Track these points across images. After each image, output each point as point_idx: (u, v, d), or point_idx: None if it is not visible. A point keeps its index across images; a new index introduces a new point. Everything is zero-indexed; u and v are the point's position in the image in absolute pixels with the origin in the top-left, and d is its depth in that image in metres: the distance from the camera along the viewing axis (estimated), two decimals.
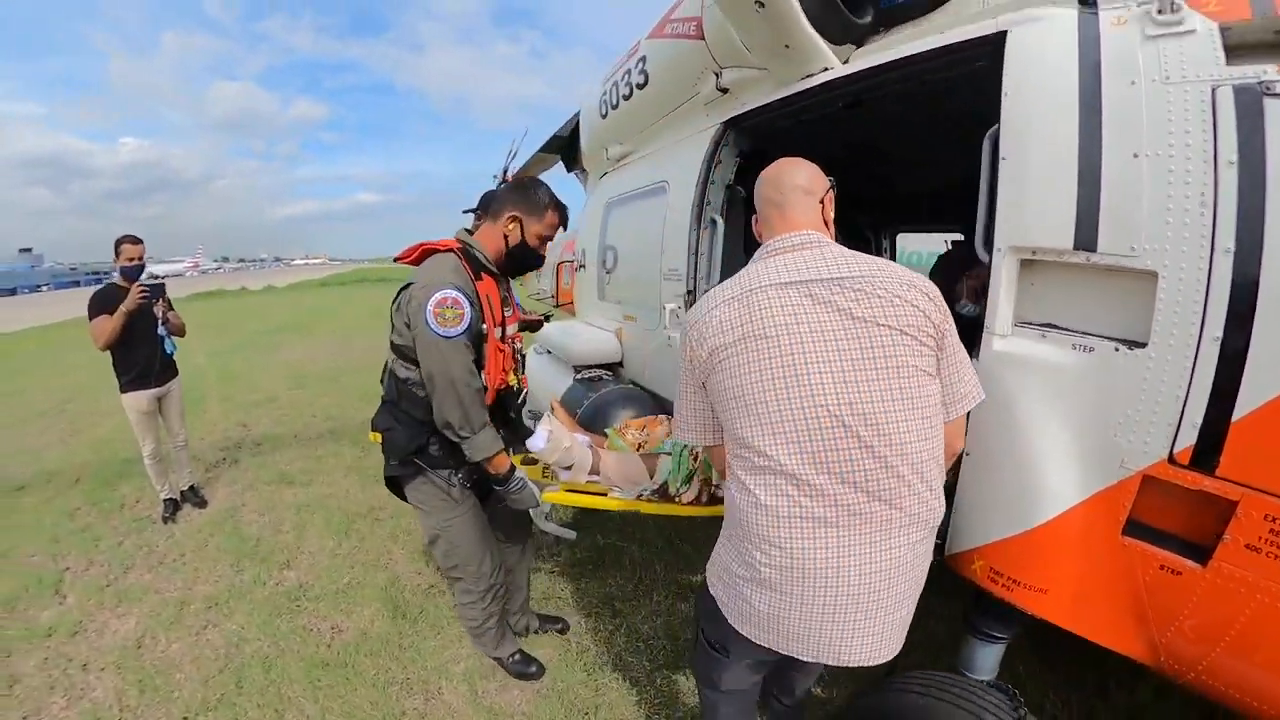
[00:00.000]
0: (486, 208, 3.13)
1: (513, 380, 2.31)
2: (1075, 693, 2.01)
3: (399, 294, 2.13)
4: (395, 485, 2.36)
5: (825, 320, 1.27)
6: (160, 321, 4.18)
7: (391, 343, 2.19)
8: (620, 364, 3.82)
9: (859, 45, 2.18)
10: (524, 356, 2.46)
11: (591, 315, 4.27)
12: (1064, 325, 1.48)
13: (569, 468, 2.48)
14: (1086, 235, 1.39)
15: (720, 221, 2.75)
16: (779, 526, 1.28)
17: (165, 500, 4.52)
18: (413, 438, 2.19)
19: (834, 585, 1.26)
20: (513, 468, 2.23)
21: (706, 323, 1.36)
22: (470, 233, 2.26)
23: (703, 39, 2.66)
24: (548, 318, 3.38)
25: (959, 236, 4.64)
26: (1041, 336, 1.51)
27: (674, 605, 3.05)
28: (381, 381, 2.33)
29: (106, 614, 3.38)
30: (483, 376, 2.15)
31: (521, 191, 2.21)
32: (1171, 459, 1.29)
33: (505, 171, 16.09)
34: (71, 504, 4.94)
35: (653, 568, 3.39)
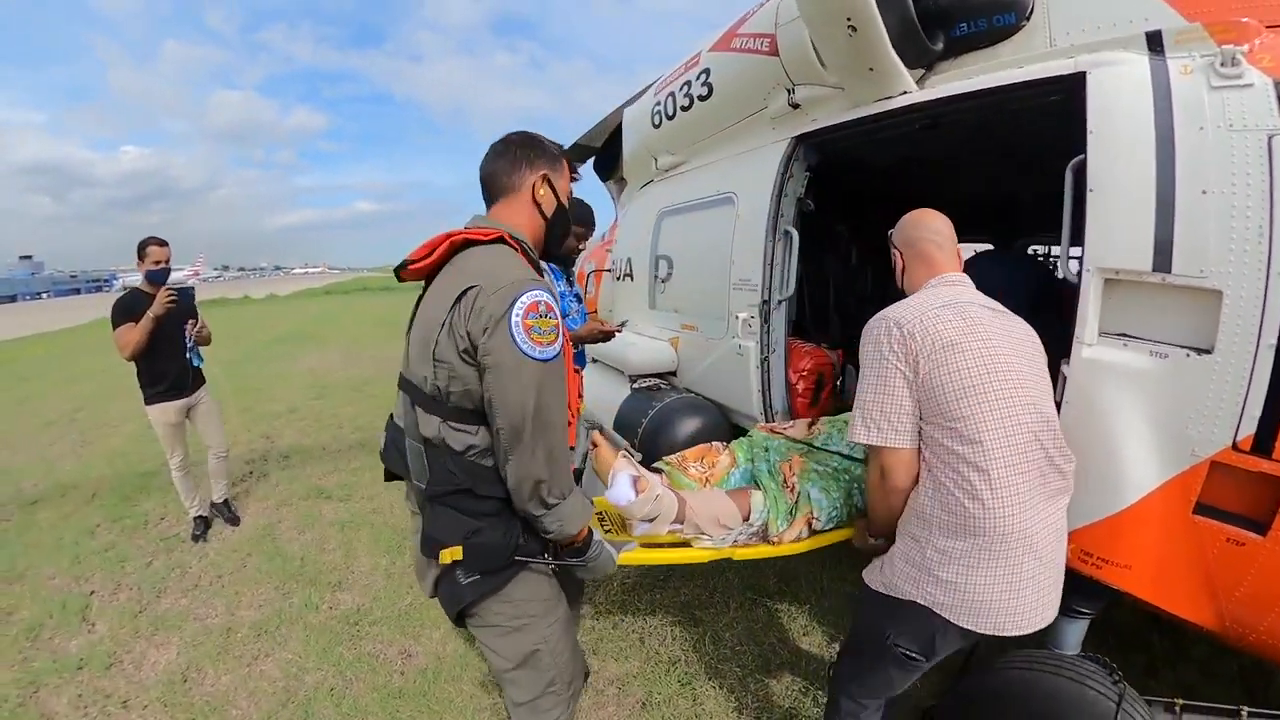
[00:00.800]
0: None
1: (582, 407, 1.93)
2: (1126, 674, 2.25)
3: (456, 303, 1.47)
4: (464, 616, 1.69)
5: (1005, 328, 1.68)
6: (189, 332, 4.14)
7: (423, 395, 1.56)
8: (674, 373, 4.00)
9: (929, 70, 2.43)
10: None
11: (641, 325, 4.44)
12: (1142, 335, 1.78)
13: (653, 519, 2.09)
14: (1163, 259, 1.68)
15: (794, 233, 2.98)
16: (1002, 504, 1.51)
17: (195, 518, 4.43)
18: (509, 530, 1.59)
19: (1042, 554, 1.57)
20: (591, 531, 1.73)
21: (931, 321, 1.61)
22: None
23: (776, 55, 2.88)
24: (622, 326, 3.47)
25: (988, 245, 5.00)
26: (1123, 345, 1.80)
27: (752, 611, 3.18)
28: (394, 462, 1.72)
29: (143, 643, 3.23)
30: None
31: (534, 147, 1.71)
32: (1235, 446, 1.58)
33: None
34: (91, 521, 4.80)
35: (724, 575, 3.49)
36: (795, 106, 2.93)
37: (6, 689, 2.92)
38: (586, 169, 7.32)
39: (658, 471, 2.53)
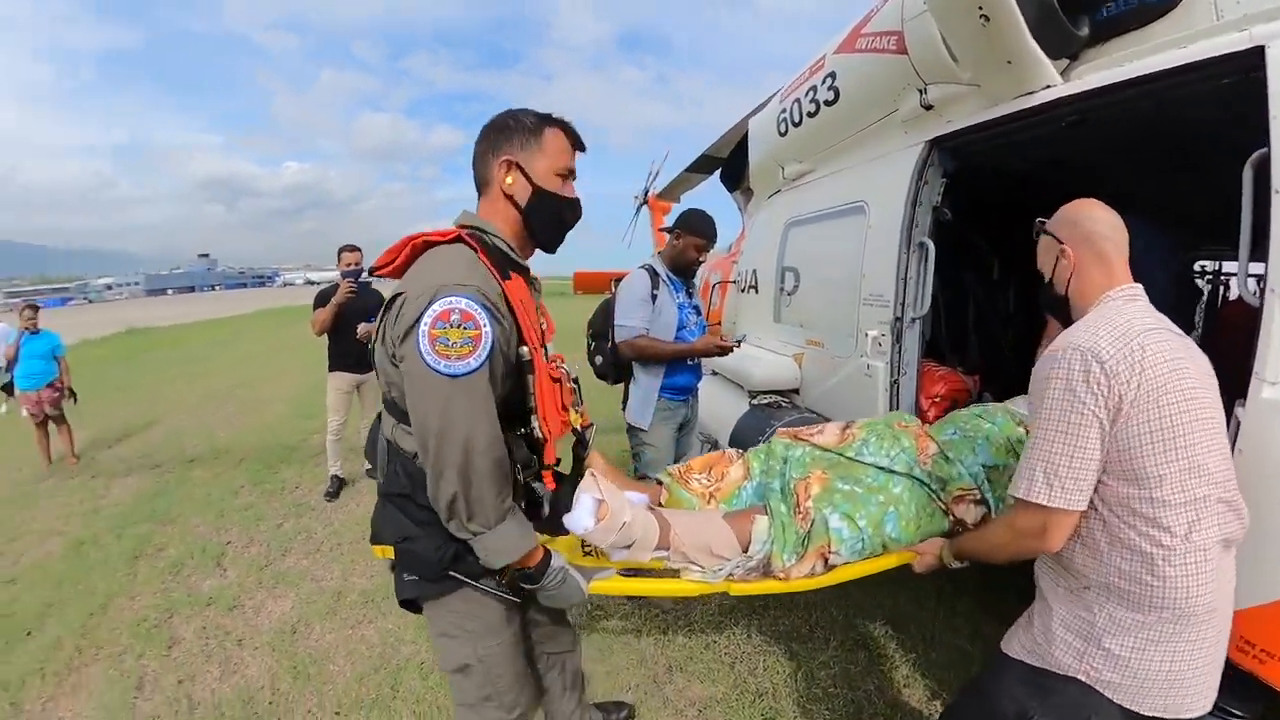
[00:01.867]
0: (685, 224, 3.30)
1: (575, 419, 1.83)
2: None
3: (383, 312, 1.55)
4: (413, 605, 1.74)
5: (1195, 361, 1.44)
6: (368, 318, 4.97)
7: (387, 395, 1.63)
8: (796, 391, 3.95)
9: (1074, 59, 2.26)
10: (578, 383, 1.94)
11: (764, 339, 4.43)
12: None
13: (628, 546, 1.88)
14: None
15: (930, 245, 2.87)
16: (1193, 576, 1.35)
17: (333, 476, 5.44)
18: (445, 542, 1.57)
19: (1221, 624, 1.43)
20: (547, 556, 1.65)
21: (1138, 356, 1.35)
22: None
23: (905, 54, 2.79)
24: (740, 342, 3.46)
25: None
26: None
27: (853, 653, 3.06)
28: (370, 460, 1.79)
29: (264, 593, 3.85)
30: (537, 423, 1.63)
31: (495, 130, 1.62)
32: None
33: (646, 193, 16.32)
34: (236, 482, 5.86)
35: (828, 609, 3.40)
36: (928, 108, 2.83)
37: (148, 611, 3.73)
38: (713, 180, 7.32)
39: (658, 483, 2.37)
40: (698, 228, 3.31)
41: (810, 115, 3.72)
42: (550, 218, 1.68)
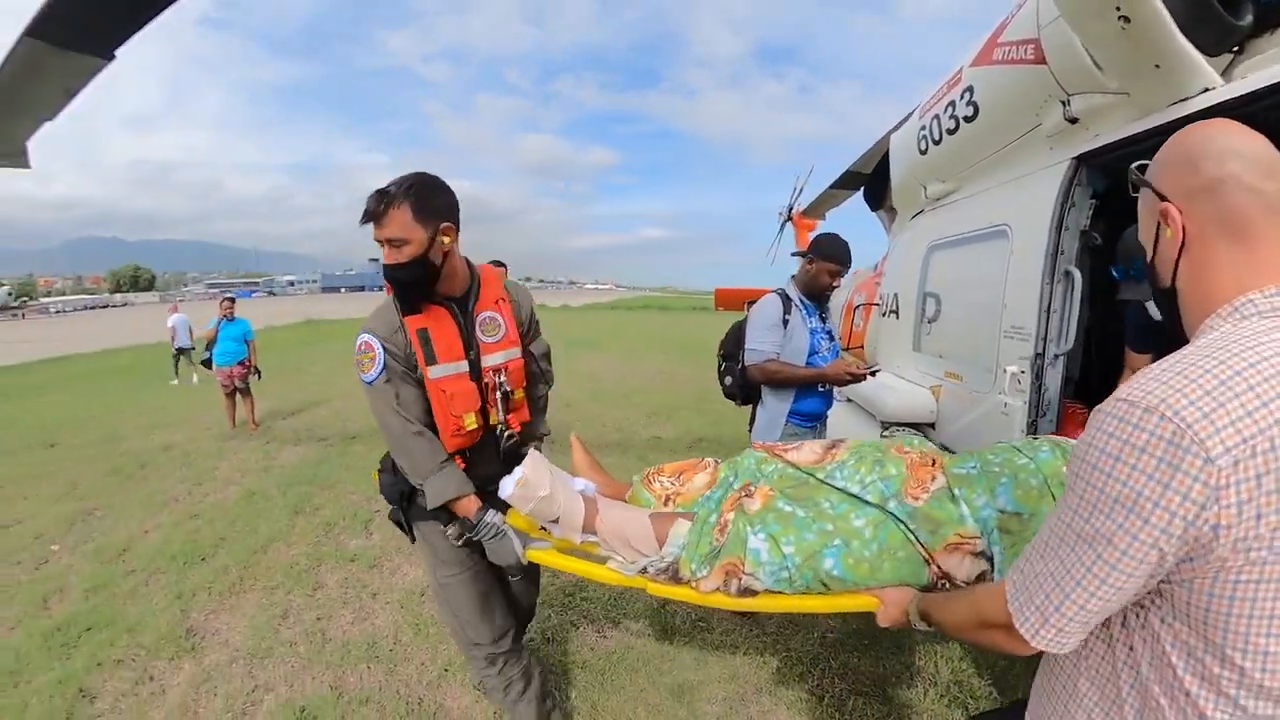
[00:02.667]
0: (818, 249, 3.33)
1: (470, 422, 2.16)
2: None
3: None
4: (400, 525, 2.41)
5: None
6: None
7: None
8: (931, 425, 3.76)
9: (1238, 53, 2.04)
10: (510, 393, 2.26)
11: (901, 367, 4.27)
12: None
13: (555, 520, 2.15)
14: None
15: (1077, 274, 2.65)
16: None
17: None
18: (396, 482, 2.27)
19: None
20: (482, 510, 2.12)
21: (1267, 445, 0.76)
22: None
23: (1044, 63, 2.62)
24: (874, 372, 3.32)
25: None
26: None
27: (949, 711, 2.85)
28: None
29: (400, 559, 4.45)
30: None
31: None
32: None
33: (790, 209, 16.19)
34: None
35: (932, 659, 3.19)
36: (1073, 121, 2.62)
37: (300, 558, 4.55)
38: (859, 197, 7.10)
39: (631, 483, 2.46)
40: (830, 253, 3.28)
41: (950, 132, 3.56)
42: (407, 278, 2.06)
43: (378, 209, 1.93)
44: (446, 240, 2.02)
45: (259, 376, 9.12)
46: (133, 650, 3.48)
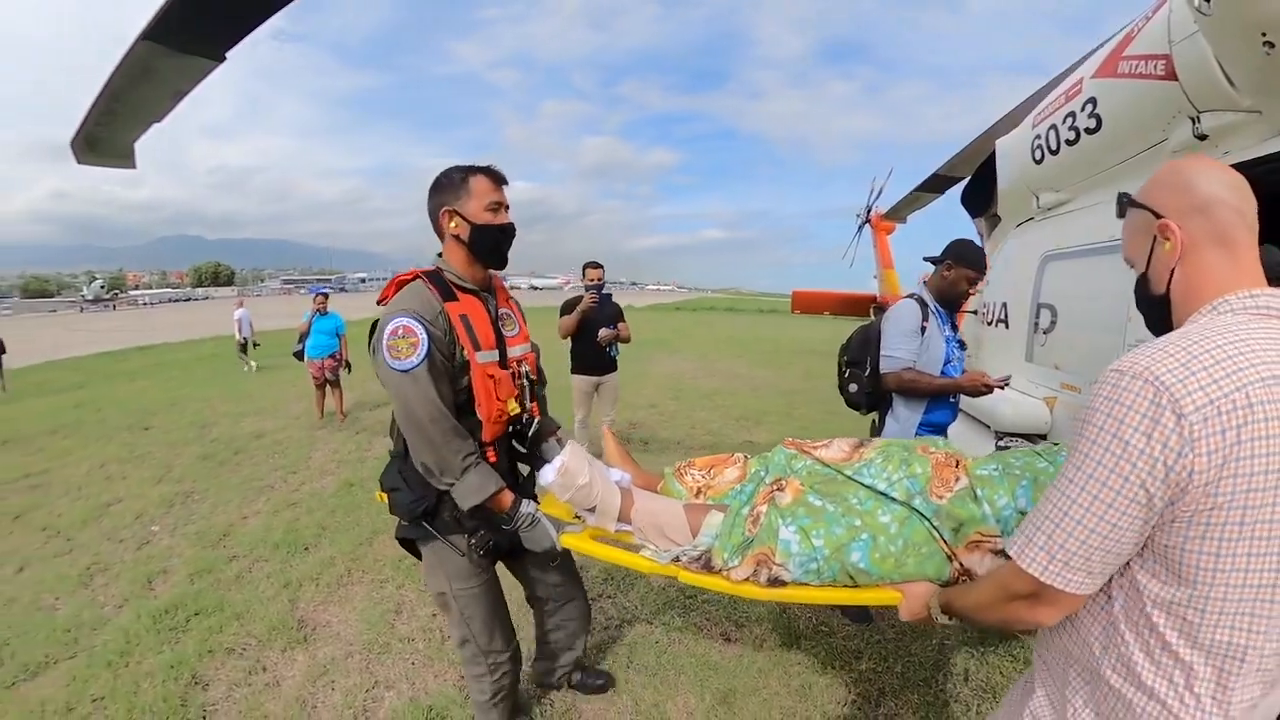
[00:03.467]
0: (958, 256, 3.32)
1: (513, 408, 2.24)
2: None
3: (372, 331, 2.13)
4: (409, 545, 2.39)
5: None
6: (606, 335, 6.01)
7: None
8: (1044, 436, 3.75)
9: None
10: (532, 382, 2.40)
11: (1013, 378, 4.15)
12: None
13: (591, 509, 2.24)
14: None
15: None
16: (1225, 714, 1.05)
17: None
18: (420, 499, 2.17)
19: None
20: (516, 502, 2.18)
21: (1237, 416, 0.95)
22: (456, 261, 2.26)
23: (1174, 79, 2.62)
24: (1007, 382, 3.33)
25: None
26: None
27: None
28: (390, 432, 2.33)
29: None
30: (477, 410, 2.16)
31: (435, 189, 2.19)
32: None
33: (869, 210, 15.97)
34: None
35: (992, 677, 3.16)
36: (1202, 138, 2.63)
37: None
38: (949, 202, 6.91)
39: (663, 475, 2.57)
40: (973, 260, 3.29)
41: (1070, 143, 3.56)
42: (488, 244, 2.18)
43: (489, 172, 2.18)
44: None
45: (349, 370, 9.55)
46: (243, 639, 3.60)
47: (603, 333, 5.95)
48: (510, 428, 2.33)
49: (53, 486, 6.55)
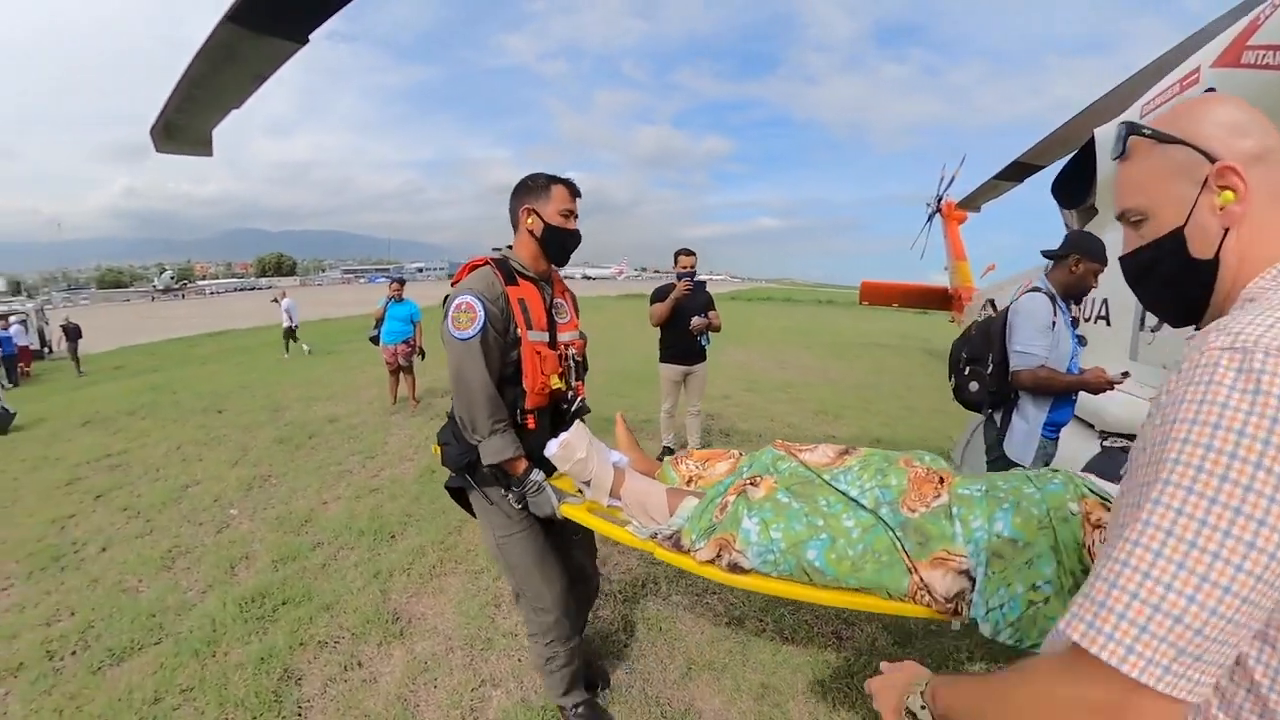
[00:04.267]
0: (1083, 249, 3.26)
1: (556, 383, 2.52)
2: None
3: (444, 303, 2.47)
4: (460, 496, 2.69)
5: None
6: (698, 324, 6.00)
7: None
8: None
9: None
10: (579, 362, 2.68)
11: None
12: None
13: (587, 482, 2.50)
14: None
15: None
16: None
17: (664, 447, 6.50)
18: (464, 453, 2.46)
19: None
20: (528, 470, 2.43)
21: None
22: (510, 248, 2.57)
23: None
24: (1125, 376, 3.30)
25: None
26: None
27: None
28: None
29: (609, 547, 4.18)
30: (523, 380, 2.45)
31: (520, 189, 2.49)
32: None
33: (940, 199, 15.45)
34: None
35: None
36: None
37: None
38: (1034, 188, 6.59)
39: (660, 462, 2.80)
40: (1099, 254, 3.22)
41: None
42: (557, 245, 2.51)
43: (561, 183, 2.46)
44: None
45: (423, 357, 9.52)
46: (335, 631, 3.47)
47: (695, 321, 5.92)
48: (556, 403, 2.60)
49: (132, 467, 6.64)
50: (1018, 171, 7.33)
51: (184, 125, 3.32)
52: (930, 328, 26.53)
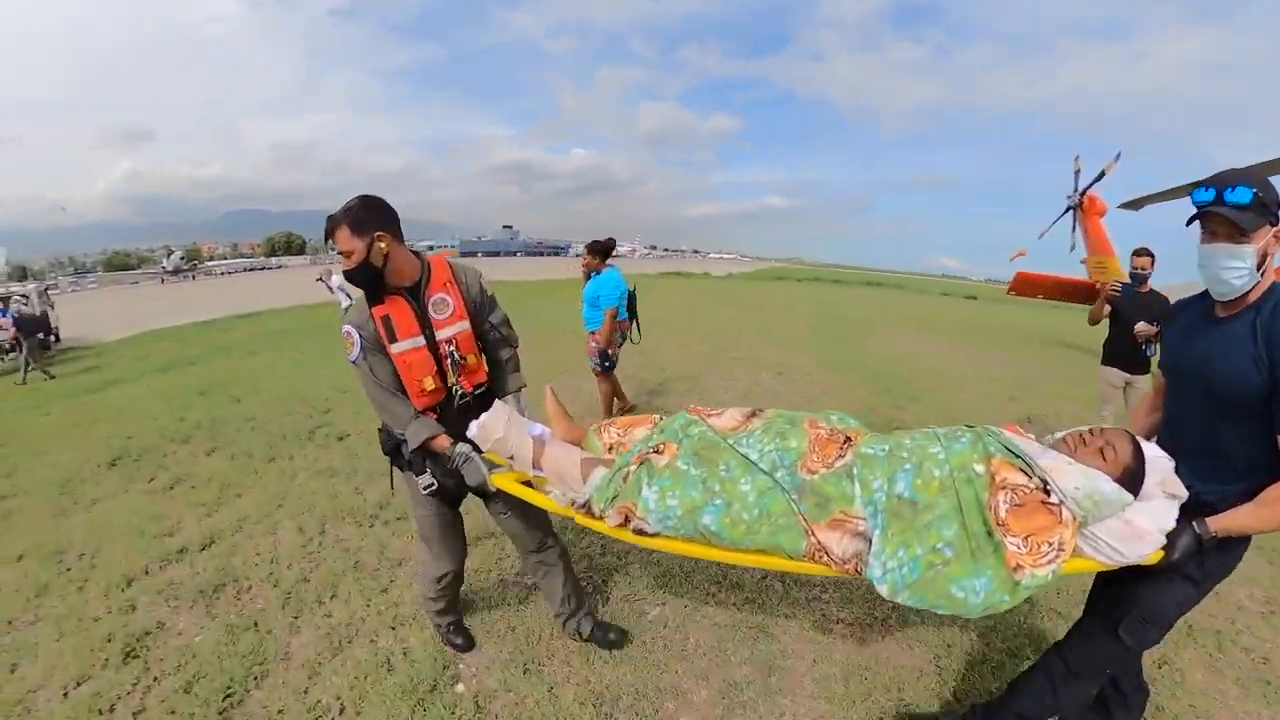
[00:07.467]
0: None
1: (430, 384, 2.69)
2: None
3: None
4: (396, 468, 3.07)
5: None
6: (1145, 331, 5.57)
7: None
8: None
9: None
10: (463, 359, 2.76)
11: None
12: None
13: (511, 457, 2.61)
14: None
15: None
16: None
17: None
18: (390, 439, 2.80)
19: None
20: (454, 445, 2.69)
21: None
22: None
23: None
24: None
25: None
26: None
27: None
28: None
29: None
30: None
31: (380, 209, 2.57)
32: None
33: (1082, 193, 16.83)
34: None
35: None
36: None
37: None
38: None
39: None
40: None
41: None
42: (366, 276, 2.60)
43: (328, 229, 2.55)
44: (383, 246, 2.53)
45: None
46: None
47: (1139, 327, 5.44)
48: (451, 399, 2.81)
49: (243, 582, 3.98)
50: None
51: None
52: (1043, 316, 27.66)
